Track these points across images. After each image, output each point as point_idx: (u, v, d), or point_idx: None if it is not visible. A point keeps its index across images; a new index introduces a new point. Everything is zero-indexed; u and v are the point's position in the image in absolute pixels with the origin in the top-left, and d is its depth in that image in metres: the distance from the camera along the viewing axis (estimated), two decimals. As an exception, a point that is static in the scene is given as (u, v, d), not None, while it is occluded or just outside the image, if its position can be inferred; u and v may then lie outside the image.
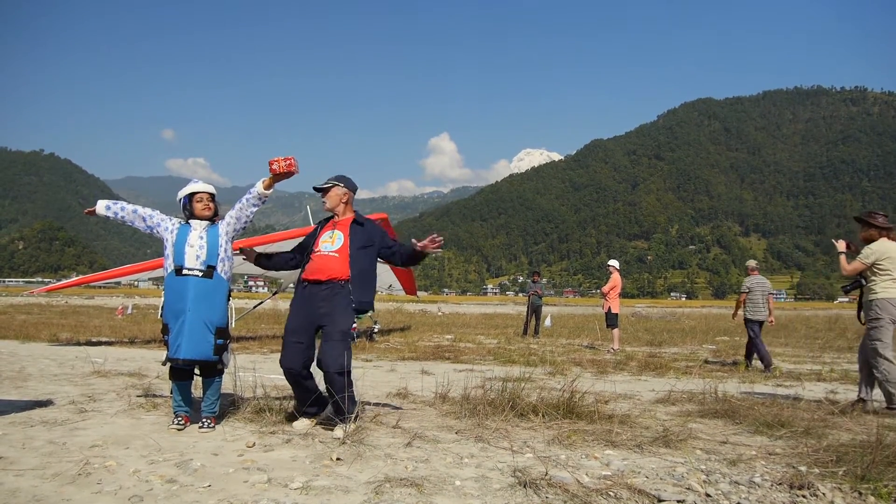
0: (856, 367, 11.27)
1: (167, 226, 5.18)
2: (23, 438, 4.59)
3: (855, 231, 7.11)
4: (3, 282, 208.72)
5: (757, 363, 11.25)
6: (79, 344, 13.55)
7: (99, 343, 13.91)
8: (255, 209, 5.28)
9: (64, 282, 17.84)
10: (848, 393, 7.85)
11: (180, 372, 5.09)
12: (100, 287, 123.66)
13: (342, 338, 5.00)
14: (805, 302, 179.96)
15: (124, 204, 5.38)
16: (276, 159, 5.01)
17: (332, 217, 5.47)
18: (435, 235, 5.29)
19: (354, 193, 5.52)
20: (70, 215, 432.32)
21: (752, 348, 11.45)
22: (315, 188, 5.44)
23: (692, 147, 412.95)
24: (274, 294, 18.02)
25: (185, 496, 3.42)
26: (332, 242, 5.26)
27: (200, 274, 5.00)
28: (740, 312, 12.11)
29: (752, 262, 12.62)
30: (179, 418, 5.05)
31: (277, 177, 5.07)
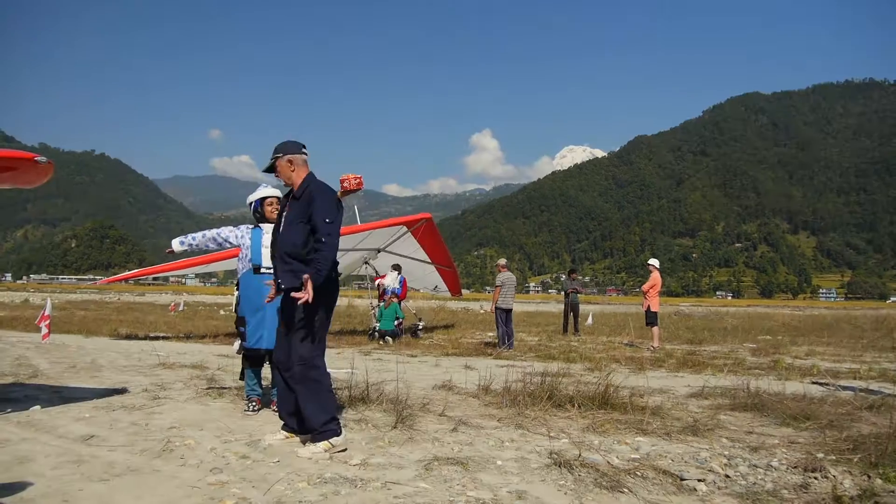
0: (895, 365, 11.41)
1: (238, 234, 5.79)
2: (108, 420, 5.14)
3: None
4: (57, 279, 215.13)
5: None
6: (138, 338, 14.30)
7: (157, 338, 14.63)
8: None
9: (136, 271, 18.65)
10: (882, 391, 8.01)
11: (255, 360, 5.64)
12: (149, 284, 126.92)
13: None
14: (856, 301, 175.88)
15: (194, 234, 5.99)
16: (347, 176, 5.44)
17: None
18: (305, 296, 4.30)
19: (297, 154, 4.67)
20: (120, 214, 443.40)
21: (503, 331, 13.70)
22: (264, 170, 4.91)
23: (738, 143, 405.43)
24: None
25: (259, 469, 3.90)
26: None
27: None
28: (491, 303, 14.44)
29: (502, 261, 14.86)
30: (253, 402, 5.59)
31: (346, 192, 5.52)
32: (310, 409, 4.38)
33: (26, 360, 9.16)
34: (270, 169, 4.75)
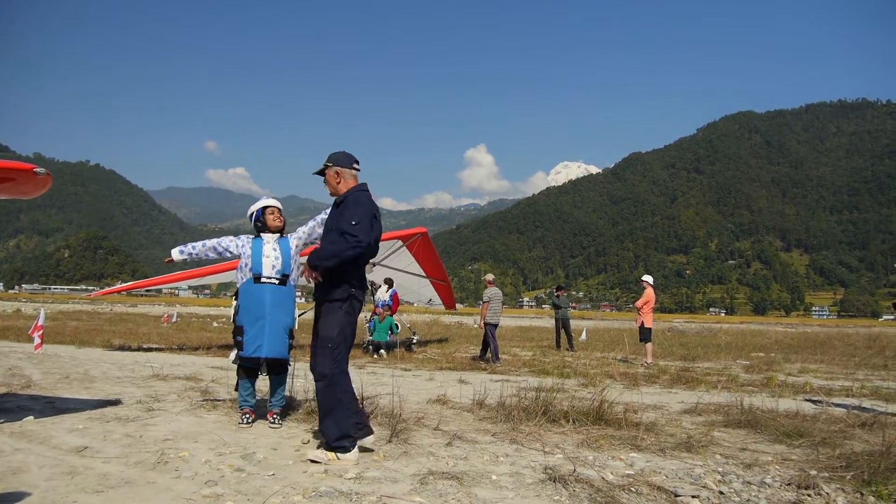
0: (887, 383, 11.45)
1: (238, 244, 5.78)
2: (102, 431, 5.13)
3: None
4: (49, 289, 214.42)
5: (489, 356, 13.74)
6: (131, 349, 14.23)
7: (150, 349, 14.56)
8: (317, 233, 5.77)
9: (130, 283, 18.62)
10: (875, 408, 8.04)
11: (251, 370, 5.65)
12: (141, 295, 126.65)
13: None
14: (848, 319, 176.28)
15: (194, 244, 6.02)
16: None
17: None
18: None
19: (347, 168, 4.82)
20: (114, 224, 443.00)
21: (488, 344, 13.85)
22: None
23: (732, 161, 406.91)
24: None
25: (253, 482, 3.89)
26: None
27: (277, 282, 5.58)
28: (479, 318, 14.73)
29: (489, 276, 14.97)
30: (247, 414, 5.58)
31: None
32: (325, 424, 4.47)
33: (19, 371, 9.12)
34: (320, 173, 4.89)
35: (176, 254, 5.94)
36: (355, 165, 4.84)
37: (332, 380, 4.46)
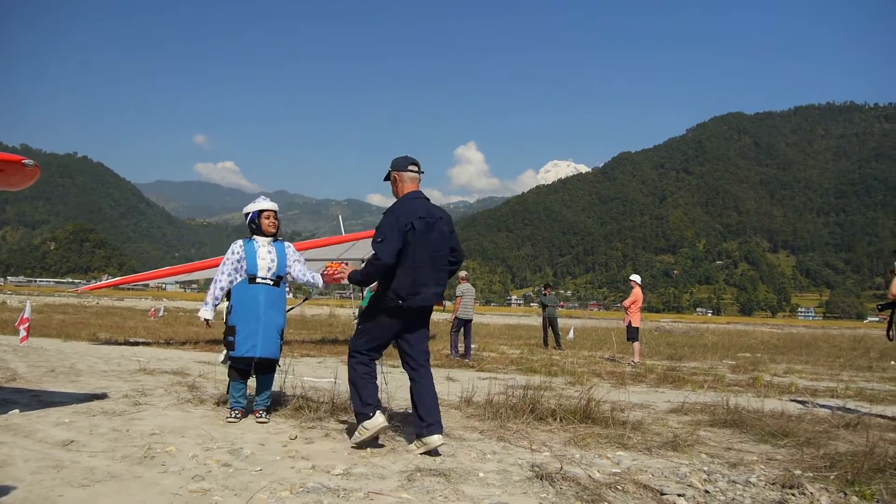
0: (871, 385, 11.55)
1: (236, 256, 5.73)
2: (89, 426, 5.11)
3: (886, 249, 7.48)
4: (35, 281, 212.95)
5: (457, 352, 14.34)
6: (118, 343, 14.17)
7: (136, 343, 14.50)
8: (304, 282, 5.93)
9: (119, 278, 18.57)
10: (859, 409, 8.11)
11: (243, 371, 5.67)
12: (128, 288, 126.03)
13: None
14: (833, 320, 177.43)
15: (216, 294, 5.72)
16: (330, 267, 5.67)
17: None
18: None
19: (402, 171, 4.97)
20: (101, 217, 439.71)
21: (469, 342, 14.47)
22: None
23: (721, 161, 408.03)
24: (304, 300, 18.52)
25: (241, 477, 3.89)
26: None
27: (271, 283, 5.66)
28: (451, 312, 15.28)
29: (462, 273, 14.87)
30: (236, 412, 5.59)
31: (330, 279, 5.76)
32: (352, 396, 4.90)
33: (4, 363, 9.07)
34: (387, 178, 5.08)
35: (208, 313, 5.77)
36: (411, 167, 4.95)
37: (354, 351, 4.87)
